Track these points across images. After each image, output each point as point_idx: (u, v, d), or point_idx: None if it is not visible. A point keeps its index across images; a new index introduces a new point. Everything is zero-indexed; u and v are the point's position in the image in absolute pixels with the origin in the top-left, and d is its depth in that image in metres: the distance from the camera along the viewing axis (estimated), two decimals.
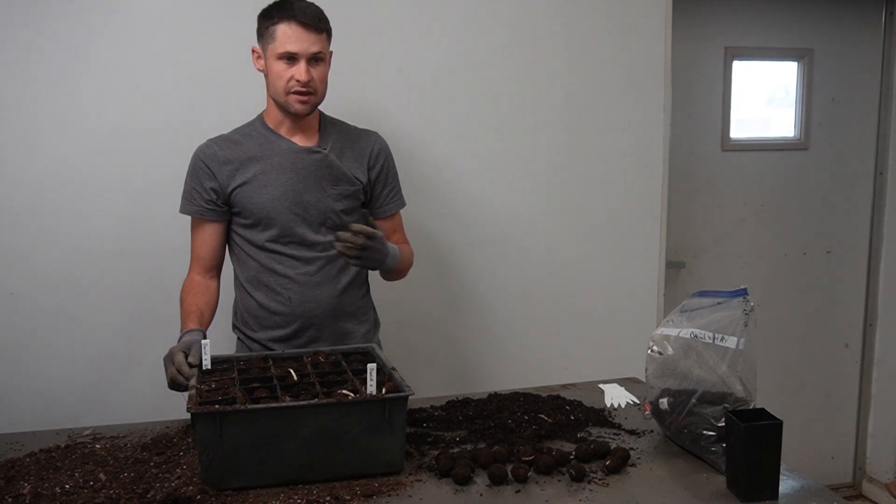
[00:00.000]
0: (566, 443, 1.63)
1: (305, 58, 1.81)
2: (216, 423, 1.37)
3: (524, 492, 1.41)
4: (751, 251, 3.22)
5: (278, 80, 1.83)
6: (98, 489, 1.39)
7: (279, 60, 1.82)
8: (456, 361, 2.68)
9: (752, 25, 3.10)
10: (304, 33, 1.80)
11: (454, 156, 2.57)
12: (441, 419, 1.77)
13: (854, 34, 3.20)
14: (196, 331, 1.78)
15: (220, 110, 2.21)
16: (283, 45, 1.80)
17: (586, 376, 2.12)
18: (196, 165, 1.90)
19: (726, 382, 1.50)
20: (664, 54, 2.73)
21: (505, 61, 2.58)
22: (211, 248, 1.94)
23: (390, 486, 1.43)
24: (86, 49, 2.23)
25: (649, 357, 1.66)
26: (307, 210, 1.90)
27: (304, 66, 1.81)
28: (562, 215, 2.71)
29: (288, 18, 1.80)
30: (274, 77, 1.84)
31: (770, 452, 1.38)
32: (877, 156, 3.29)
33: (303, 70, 1.81)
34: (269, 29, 1.83)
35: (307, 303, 1.92)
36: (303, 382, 1.57)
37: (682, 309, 1.65)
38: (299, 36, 1.80)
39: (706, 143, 3.12)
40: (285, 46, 1.80)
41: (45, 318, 2.27)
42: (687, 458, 1.56)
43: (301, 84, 1.82)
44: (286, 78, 1.82)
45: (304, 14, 1.81)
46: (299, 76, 1.81)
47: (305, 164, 1.90)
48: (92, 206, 2.27)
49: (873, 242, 3.33)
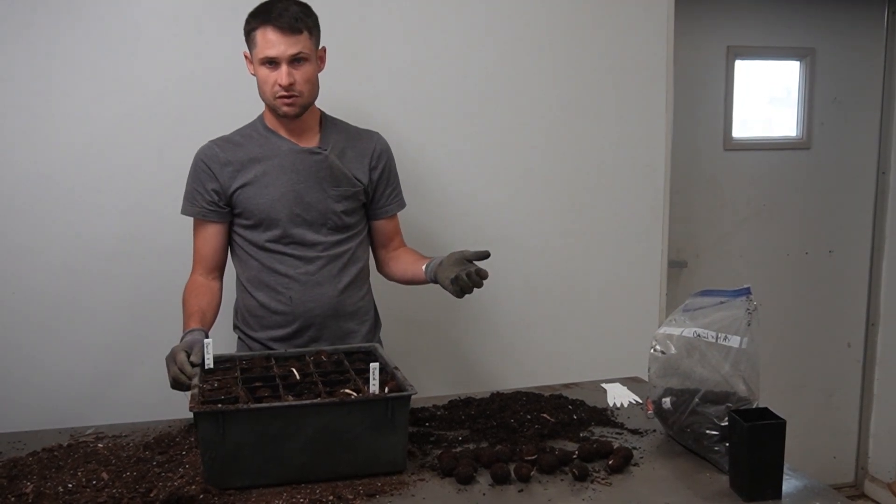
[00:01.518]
0: (569, 442, 1.63)
1: (285, 61, 1.80)
2: (219, 423, 1.37)
3: (527, 491, 1.41)
4: (753, 251, 3.22)
5: (264, 84, 1.84)
6: (101, 488, 1.39)
7: (262, 66, 1.82)
8: (458, 361, 2.68)
9: (754, 25, 3.10)
10: (280, 37, 1.79)
11: (455, 155, 2.57)
12: (443, 418, 1.77)
13: (856, 33, 3.19)
14: (198, 330, 1.78)
15: (222, 110, 2.21)
16: (262, 50, 1.80)
17: (589, 375, 2.11)
18: (197, 167, 1.90)
19: (729, 382, 1.50)
20: (666, 54, 2.73)
21: (505, 61, 2.58)
22: (213, 248, 1.94)
23: (393, 485, 1.43)
24: (89, 48, 2.23)
25: (652, 356, 1.66)
26: (308, 211, 1.90)
27: (284, 70, 1.80)
28: (564, 215, 2.71)
29: (264, 23, 1.79)
30: (260, 82, 1.85)
31: (773, 452, 1.37)
32: (879, 155, 3.28)
33: (283, 74, 1.80)
34: (250, 35, 1.83)
35: (308, 302, 1.92)
36: (305, 382, 1.57)
37: (684, 308, 1.65)
38: (276, 40, 1.79)
39: (708, 142, 3.12)
40: (264, 52, 1.80)
41: (47, 317, 2.27)
42: (690, 458, 1.56)
43: (283, 88, 1.81)
44: (270, 82, 1.82)
45: (281, 18, 1.79)
46: (280, 80, 1.81)
47: (306, 165, 1.90)
48: (95, 205, 2.28)
49: (875, 242, 3.33)
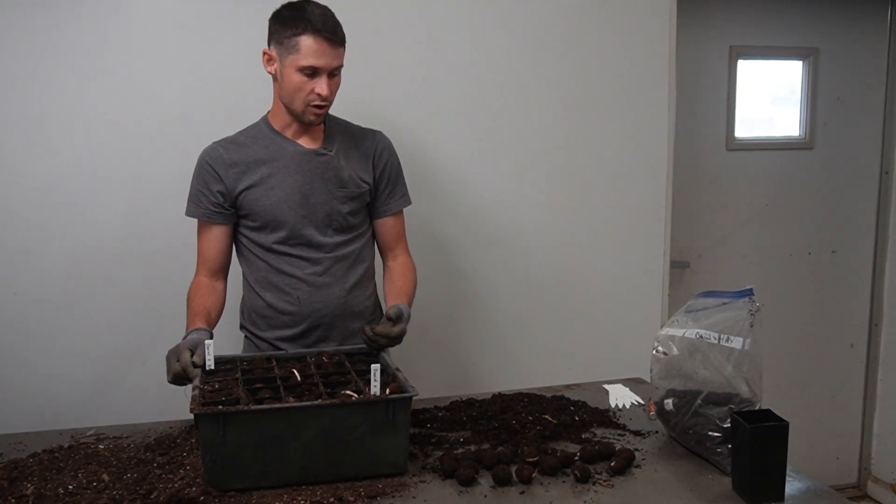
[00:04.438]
0: (571, 444, 1.62)
1: (328, 72, 1.78)
2: (219, 424, 1.36)
3: (528, 493, 1.41)
4: (755, 251, 3.21)
5: (298, 91, 1.79)
6: (101, 490, 1.39)
7: (299, 72, 1.77)
8: (460, 362, 2.67)
9: (756, 24, 3.09)
10: (328, 48, 1.75)
11: (458, 155, 2.57)
12: (445, 420, 1.77)
13: (859, 33, 3.18)
14: (203, 330, 1.77)
15: (225, 111, 2.20)
16: (306, 58, 1.75)
17: (591, 377, 2.11)
18: (202, 168, 1.89)
19: (732, 383, 1.49)
20: (669, 53, 2.72)
21: (509, 61, 2.58)
22: (217, 250, 1.93)
23: (394, 487, 1.42)
24: (91, 50, 2.23)
25: (654, 357, 1.65)
26: (314, 212, 1.89)
27: (325, 81, 1.77)
28: (566, 215, 2.71)
29: (312, 31, 1.74)
30: (292, 88, 1.79)
31: (776, 454, 1.37)
32: (882, 155, 3.27)
33: (324, 85, 1.77)
34: (290, 39, 1.75)
35: (316, 303, 1.92)
36: (306, 383, 1.57)
37: (687, 309, 1.65)
38: (324, 51, 1.75)
39: (711, 142, 3.11)
40: (309, 60, 1.75)
41: (48, 318, 2.27)
42: (692, 460, 1.56)
43: (321, 98, 1.79)
44: (306, 91, 1.78)
45: (326, 26, 1.74)
46: (321, 91, 1.77)
47: (312, 167, 1.89)
48: (97, 206, 2.28)
49: (879, 242, 3.32)
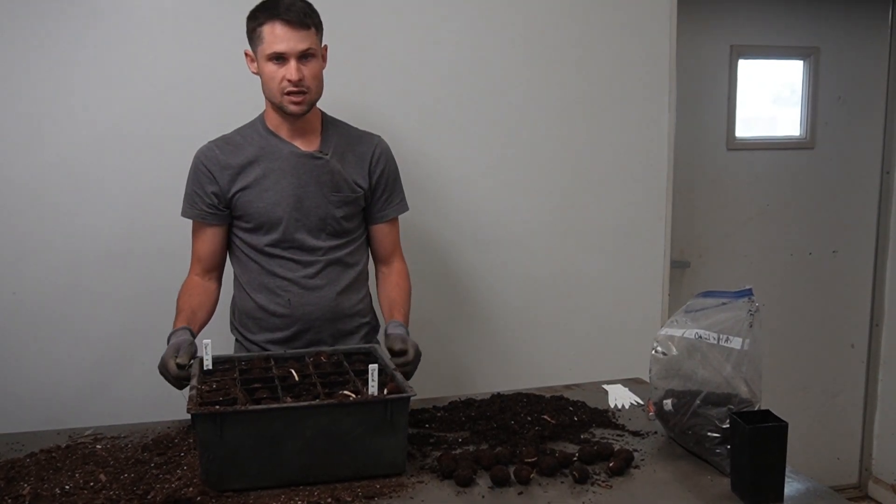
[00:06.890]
0: (569, 444, 1.62)
1: (294, 56, 1.78)
2: (217, 424, 1.36)
3: (527, 494, 1.40)
4: (756, 251, 3.20)
5: (270, 81, 1.81)
6: (98, 490, 1.39)
7: (269, 62, 1.79)
8: (458, 362, 2.67)
9: (757, 24, 3.08)
10: (290, 31, 1.77)
11: (457, 156, 2.56)
12: (443, 420, 1.76)
13: (861, 32, 3.17)
14: (182, 330, 1.77)
15: (220, 111, 2.19)
16: (270, 45, 1.78)
17: (590, 377, 2.11)
18: (197, 169, 1.89)
19: (731, 383, 1.49)
20: (669, 53, 2.72)
21: (509, 61, 2.57)
22: (211, 250, 1.93)
23: (392, 487, 1.42)
24: (86, 50, 2.22)
25: (653, 358, 1.65)
26: (308, 216, 1.89)
27: (293, 65, 1.79)
28: (566, 215, 2.70)
29: (272, 18, 1.77)
30: (266, 79, 1.82)
31: (775, 455, 1.37)
32: (883, 155, 3.26)
33: (293, 69, 1.78)
34: (256, 31, 1.80)
35: (306, 306, 1.91)
36: (304, 383, 1.57)
37: (686, 309, 1.64)
38: (286, 35, 1.77)
39: (711, 142, 3.10)
40: (273, 47, 1.78)
41: (46, 317, 2.27)
42: (691, 460, 1.55)
43: (293, 83, 1.79)
44: (278, 79, 1.80)
45: (289, 11, 1.77)
46: (290, 76, 1.78)
47: (307, 170, 1.89)
48: (93, 207, 2.27)
49: (880, 242, 3.31)
